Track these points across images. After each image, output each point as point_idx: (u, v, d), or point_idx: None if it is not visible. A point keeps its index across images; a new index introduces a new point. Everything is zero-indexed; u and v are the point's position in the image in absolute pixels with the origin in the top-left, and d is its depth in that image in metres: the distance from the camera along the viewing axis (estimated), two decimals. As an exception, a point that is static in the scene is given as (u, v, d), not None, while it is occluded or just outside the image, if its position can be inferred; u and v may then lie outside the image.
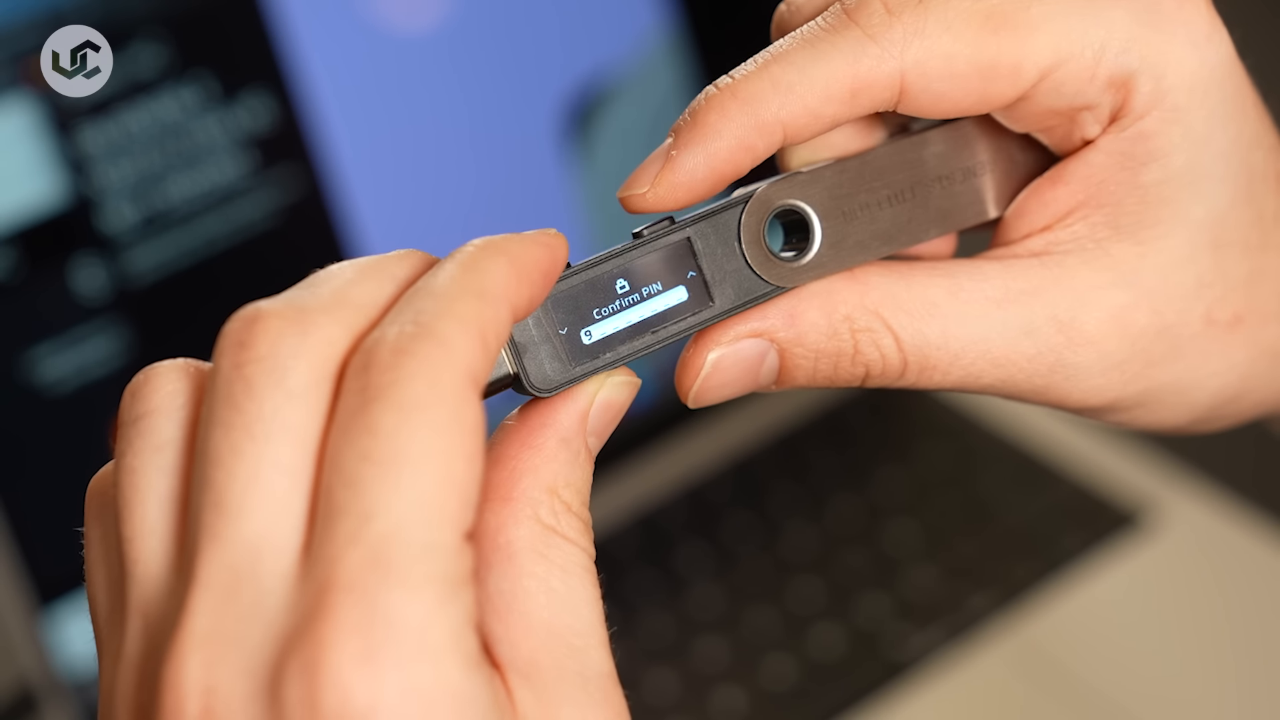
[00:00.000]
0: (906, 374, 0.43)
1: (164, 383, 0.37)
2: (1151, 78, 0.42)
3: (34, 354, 0.85)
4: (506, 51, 0.96)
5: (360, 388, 0.34)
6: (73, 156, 0.85)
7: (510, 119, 0.97)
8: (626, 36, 0.99)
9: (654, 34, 1.00)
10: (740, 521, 1.01)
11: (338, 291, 0.36)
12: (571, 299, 0.40)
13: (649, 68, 1.00)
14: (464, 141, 0.96)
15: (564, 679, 0.37)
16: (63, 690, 0.86)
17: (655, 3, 1.00)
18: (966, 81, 0.42)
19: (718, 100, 0.41)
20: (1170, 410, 0.45)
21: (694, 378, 0.43)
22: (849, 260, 0.43)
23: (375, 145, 0.93)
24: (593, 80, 0.99)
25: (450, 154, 0.96)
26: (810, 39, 0.42)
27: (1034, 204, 0.44)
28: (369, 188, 0.93)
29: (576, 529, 0.38)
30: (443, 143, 0.96)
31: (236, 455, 0.34)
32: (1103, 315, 0.43)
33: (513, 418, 0.40)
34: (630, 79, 1.00)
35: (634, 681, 0.92)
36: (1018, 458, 1.02)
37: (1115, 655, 0.91)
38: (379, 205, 0.94)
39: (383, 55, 0.93)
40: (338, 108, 0.92)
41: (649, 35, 1.00)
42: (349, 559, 0.33)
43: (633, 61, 1.00)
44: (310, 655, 0.33)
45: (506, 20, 0.96)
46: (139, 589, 0.36)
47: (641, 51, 1.00)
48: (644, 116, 1.01)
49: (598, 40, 0.99)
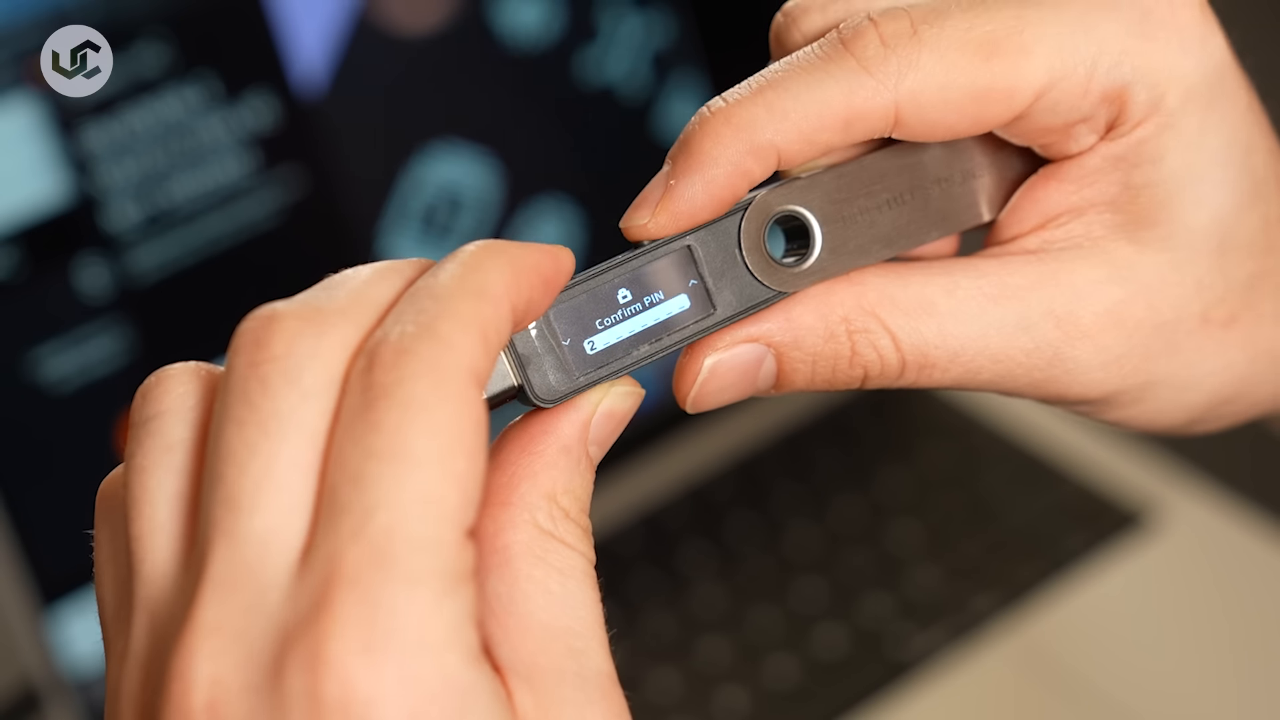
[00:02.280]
0: (905, 374, 0.43)
1: (175, 385, 0.37)
2: (1145, 87, 0.43)
3: (37, 353, 0.85)
4: (509, 52, 0.96)
5: (364, 387, 0.35)
6: (76, 156, 0.85)
7: (512, 119, 0.97)
8: (629, 37, 1.00)
9: (657, 34, 1.00)
10: (743, 521, 1.01)
11: (353, 294, 0.37)
12: (574, 310, 0.41)
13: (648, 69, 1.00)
14: (466, 142, 0.96)
15: (563, 680, 0.37)
16: (66, 689, 0.86)
17: (658, 2, 1.00)
18: (961, 108, 0.42)
19: (712, 126, 0.41)
20: (1168, 408, 0.45)
21: (691, 383, 0.43)
22: (850, 264, 0.43)
23: (378, 145, 0.93)
24: (594, 80, 0.99)
25: (453, 155, 0.96)
26: (806, 67, 0.42)
27: (1028, 203, 0.45)
28: (371, 187, 0.94)
29: (575, 535, 0.38)
30: (445, 143, 0.96)
31: (250, 452, 0.35)
32: (1099, 309, 0.43)
33: (515, 424, 0.40)
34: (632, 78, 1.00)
35: (637, 681, 0.92)
36: (1021, 458, 1.02)
37: (1118, 655, 0.91)
38: (381, 206, 0.94)
39: (385, 55, 0.93)
40: (341, 107, 0.92)
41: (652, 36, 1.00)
42: (351, 554, 0.34)
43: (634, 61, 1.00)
44: (312, 648, 0.33)
45: (508, 20, 0.96)
46: (146, 587, 0.36)
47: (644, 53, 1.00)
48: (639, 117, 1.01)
49: (601, 40, 0.99)
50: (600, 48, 0.99)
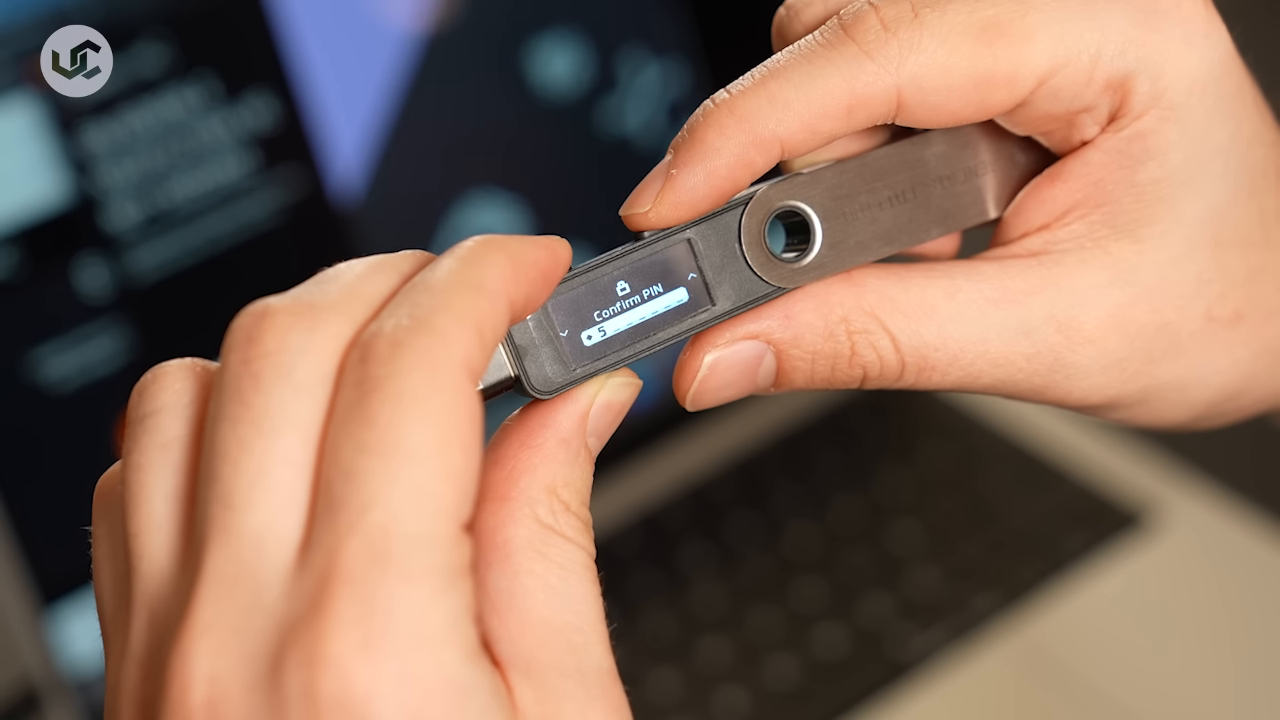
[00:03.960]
0: (904, 375, 0.43)
1: (171, 381, 0.37)
2: (1148, 78, 0.42)
3: (37, 353, 0.85)
4: (509, 50, 0.96)
5: (357, 380, 0.35)
6: (76, 156, 0.85)
7: (513, 118, 0.97)
8: (631, 35, 1.00)
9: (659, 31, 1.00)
10: (743, 521, 1.01)
11: (346, 288, 0.37)
12: (572, 301, 0.41)
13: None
14: (467, 141, 0.96)
15: (563, 675, 0.37)
16: (66, 689, 0.86)
17: (663, 2, 1.00)
18: (964, 93, 0.42)
19: (715, 117, 0.41)
20: (1172, 407, 0.45)
21: (691, 380, 0.43)
22: (850, 260, 0.43)
23: (378, 145, 0.93)
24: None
25: (453, 153, 0.96)
26: (807, 55, 0.42)
27: (1032, 203, 0.44)
28: (372, 188, 0.94)
29: (575, 528, 0.38)
30: (446, 142, 0.96)
31: (243, 449, 0.35)
32: (1101, 314, 0.43)
33: (513, 418, 0.40)
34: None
35: (636, 681, 0.92)
36: (1021, 458, 1.02)
37: (1118, 655, 0.91)
38: (381, 205, 0.94)
39: (386, 54, 0.93)
40: (341, 107, 0.92)
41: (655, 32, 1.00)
42: (347, 550, 0.34)
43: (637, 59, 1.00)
44: (310, 645, 0.33)
45: (509, 18, 0.96)
46: (144, 584, 0.36)
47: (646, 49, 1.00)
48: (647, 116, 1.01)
49: (603, 38, 0.99)
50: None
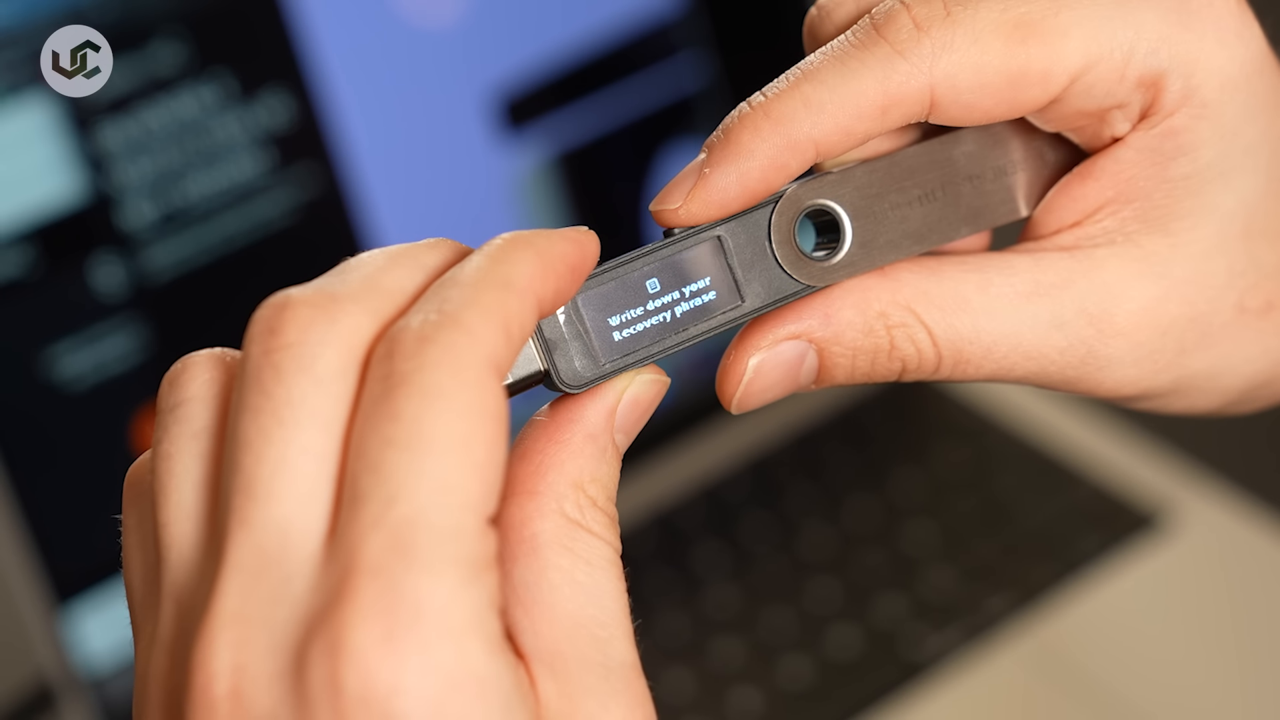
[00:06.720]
0: (941, 367, 0.44)
1: (200, 371, 0.38)
2: (1181, 76, 0.43)
3: (52, 351, 0.85)
4: (525, 47, 0.96)
5: (384, 374, 0.35)
6: (92, 154, 0.85)
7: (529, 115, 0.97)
8: (648, 31, 1.00)
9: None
10: (757, 521, 1.01)
11: (367, 279, 0.37)
12: (602, 297, 0.41)
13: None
14: (483, 138, 0.96)
15: (587, 669, 0.37)
16: (81, 687, 0.86)
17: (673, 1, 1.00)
18: (997, 91, 0.42)
19: (750, 119, 0.41)
20: (1204, 395, 0.46)
21: (737, 384, 0.43)
22: (880, 259, 0.43)
23: (394, 142, 0.94)
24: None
25: (469, 150, 0.96)
26: (840, 55, 0.42)
27: (1064, 200, 0.45)
28: (387, 185, 0.94)
29: (602, 523, 0.38)
30: (462, 139, 0.96)
31: (265, 440, 0.35)
32: (1133, 307, 0.44)
33: (542, 413, 0.40)
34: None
35: (650, 681, 0.92)
36: (1035, 459, 1.02)
37: (1132, 657, 0.91)
38: (397, 203, 0.94)
39: (401, 51, 0.93)
40: (357, 105, 0.92)
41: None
42: (372, 543, 0.34)
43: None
44: (334, 637, 0.33)
45: (525, 15, 0.96)
46: (172, 573, 0.36)
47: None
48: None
49: (618, 36, 0.99)
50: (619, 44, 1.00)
